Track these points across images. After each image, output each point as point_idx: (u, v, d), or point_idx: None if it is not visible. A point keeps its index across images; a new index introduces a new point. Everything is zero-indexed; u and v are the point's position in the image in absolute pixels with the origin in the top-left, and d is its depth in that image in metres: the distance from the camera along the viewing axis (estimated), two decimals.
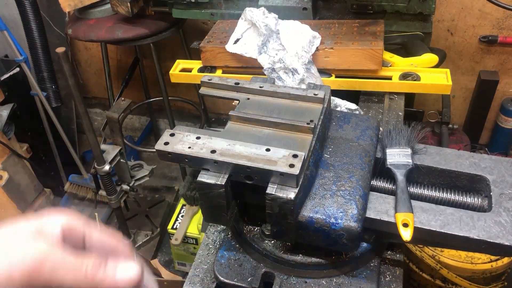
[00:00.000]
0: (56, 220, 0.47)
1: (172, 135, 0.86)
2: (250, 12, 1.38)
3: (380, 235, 0.92)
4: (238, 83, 0.98)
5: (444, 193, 0.91)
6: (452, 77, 1.35)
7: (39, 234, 0.45)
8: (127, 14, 2.05)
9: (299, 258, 0.91)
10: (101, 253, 0.47)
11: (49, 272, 0.43)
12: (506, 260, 1.73)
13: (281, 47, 1.30)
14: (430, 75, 1.39)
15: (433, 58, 1.44)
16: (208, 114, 3.10)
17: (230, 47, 1.40)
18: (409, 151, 0.94)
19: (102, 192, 2.07)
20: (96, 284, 0.45)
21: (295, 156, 0.79)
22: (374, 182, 0.95)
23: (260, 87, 0.97)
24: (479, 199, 0.89)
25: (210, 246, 1.06)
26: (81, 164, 2.77)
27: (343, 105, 1.26)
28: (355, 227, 0.81)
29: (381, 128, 1.06)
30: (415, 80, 1.37)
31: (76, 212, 0.50)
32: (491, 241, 0.80)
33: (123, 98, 2.21)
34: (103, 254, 0.47)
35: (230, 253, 0.96)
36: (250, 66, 1.40)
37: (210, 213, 0.89)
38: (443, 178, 0.95)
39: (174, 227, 2.29)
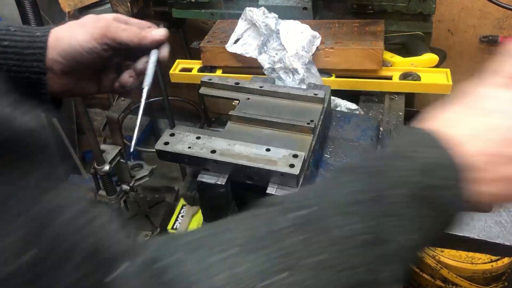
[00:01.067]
0: (107, 14, 0.75)
1: (172, 135, 0.86)
2: (250, 12, 1.38)
3: None
4: (238, 83, 0.98)
5: None
6: (453, 77, 1.35)
7: (99, 17, 0.74)
8: (127, 14, 2.05)
9: None
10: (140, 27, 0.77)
11: (113, 31, 0.72)
12: (506, 260, 1.73)
13: (281, 47, 1.30)
14: (430, 75, 1.39)
15: (433, 58, 1.44)
16: (208, 114, 3.10)
17: (230, 47, 1.40)
18: None
19: (102, 192, 2.07)
20: (142, 38, 0.74)
21: (295, 156, 0.79)
22: None
23: (260, 87, 0.97)
24: None
25: None
26: (81, 164, 2.77)
27: (343, 105, 1.26)
28: None
29: (381, 128, 1.06)
30: (415, 80, 1.37)
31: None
32: (492, 241, 0.80)
33: (123, 98, 2.21)
34: (144, 27, 0.77)
35: None
36: (250, 66, 1.40)
37: (210, 213, 0.89)
38: None
39: (174, 227, 2.29)
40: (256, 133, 0.88)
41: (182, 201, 2.35)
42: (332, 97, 1.10)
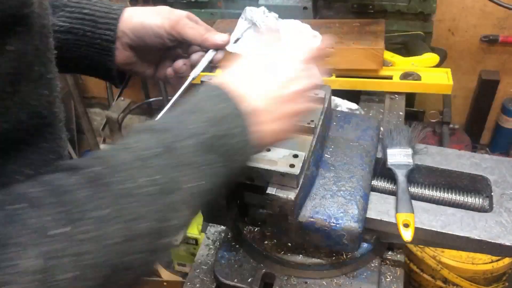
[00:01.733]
0: (181, 10, 0.82)
1: None
2: (250, 12, 1.37)
3: (381, 236, 0.91)
4: None
5: (445, 193, 0.91)
6: (453, 77, 1.35)
7: (174, 10, 0.81)
8: None
9: (299, 258, 0.90)
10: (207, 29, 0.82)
11: (182, 26, 0.78)
12: (507, 260, 1.73)
13: None
14: (431, 74, 1.38)
15: (434, 57, 1.44)
16: None
17: (230, 46, 1.40)
18: (410, 151, 0.94)
19: None
20: (204, 40, 0.80)
21: (295, 156, 0.79)
22: (375, 182, 0.94)
23: None
24: (480, 199, 0.89)
25: (210, 247, 1.06)
26: None
27: (344, 105, 1.25)
28: (356, 227, 0.81)
29: (381, 128, 1.05)
30: (416, 80, 1.37)
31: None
32: (492, 241, 0.80)
33: (122, 98, 2.21)
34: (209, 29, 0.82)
35: (230, 254, 0.96)
36: None
37: (210, 213, 0.89)
38: (444, 178, 0.95)
39: None
40: None
41: None
42: (332, 97, 1.10)
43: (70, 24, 0.78)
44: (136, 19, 0.80)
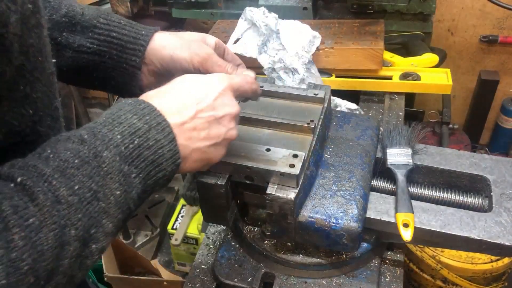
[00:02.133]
0: (211, 36, 0.83)
1: None
2: (250, 12, 1.38)
3: (381, 235, 0.91)
4: None
5: (445, 193, 0.91)
6: (453, 77, 1.35)
7: (204, 41, 0.82)
8: (127, 14, 2.05)
9: (299, 258, 0.91)
10: (233, 63, 0.83)
11: (210, 65, 0.78)
12: (506, 260, 1.73)
13: (281, 47, 1.30)
14: (430, 75, 1.39)
15: (433, 58, 1.44)
16: None
17: (230, 47, 1.40)
18: (409, 151, 0.94)
19: None
20: None
21: (295, 156, 0.79)
22: (375, 182, 0.95)
23: (260, 87, 0.97)
24: (480, 199, 0.89)
25: (210, 246, 1.06)
26: None
27: (343, 105, 1.26)
28: (356, 227, 0.81)
29: (381, 128, 1.06)
30: (415, 80, 1.37)
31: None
32: (492, 241, 0.80)
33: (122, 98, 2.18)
34: (235, 65, 0.82)
35: (230, 253, 0.96)
36: (250, 66, 1.40)
37: (210, 213, 0.89)
38: (443, 178, 0.95)
39: (174, 227, 2.29)
40: (256, 133, 0.88)
41: (182, 201, 2.35)
42: (332, 97, 1.10)
43: (98, 46, 0.79)
44: (166, 51, 0.80)
